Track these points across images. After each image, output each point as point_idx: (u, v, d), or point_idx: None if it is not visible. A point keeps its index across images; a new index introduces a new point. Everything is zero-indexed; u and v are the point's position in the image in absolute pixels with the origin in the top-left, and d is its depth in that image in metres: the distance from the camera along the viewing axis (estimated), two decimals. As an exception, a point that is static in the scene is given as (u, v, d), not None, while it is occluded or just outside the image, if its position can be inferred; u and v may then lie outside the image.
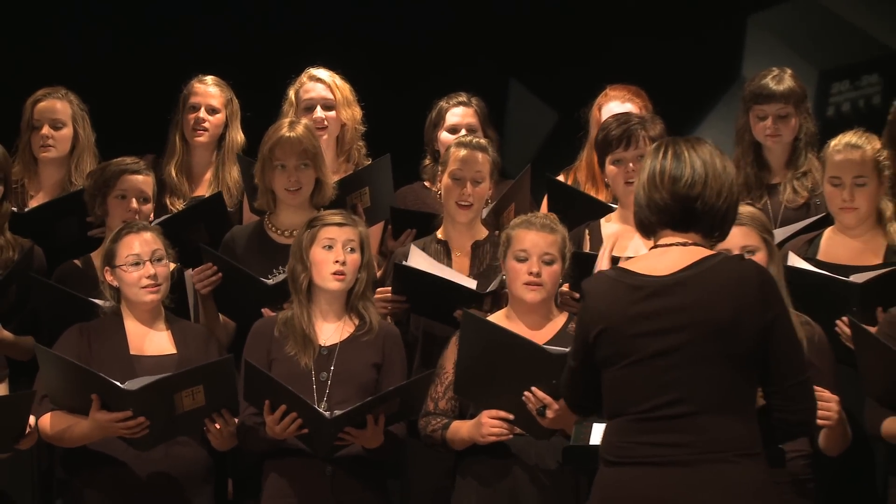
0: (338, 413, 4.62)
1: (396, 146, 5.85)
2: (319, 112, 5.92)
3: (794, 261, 5.04)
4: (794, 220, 5.60)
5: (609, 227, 5.34)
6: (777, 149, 5.77)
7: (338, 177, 5.67)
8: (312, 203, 5.44)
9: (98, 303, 5.04)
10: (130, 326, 4.97)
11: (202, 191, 6.04)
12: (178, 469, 4.87)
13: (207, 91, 6.08)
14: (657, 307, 3.68)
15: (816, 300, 4.84)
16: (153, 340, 4.97)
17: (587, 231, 5.36)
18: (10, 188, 5.52)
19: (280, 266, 5.19)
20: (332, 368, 4.85)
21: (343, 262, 4.88)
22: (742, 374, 3.67)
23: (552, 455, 4.71)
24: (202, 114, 6.06)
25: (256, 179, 5.47)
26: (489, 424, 4.68)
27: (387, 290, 5.26)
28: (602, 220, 5.39)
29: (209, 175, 6.10)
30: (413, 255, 5.27)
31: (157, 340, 4.98)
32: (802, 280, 4.86)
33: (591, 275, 3.93)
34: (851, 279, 4.97)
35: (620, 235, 5.16)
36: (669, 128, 5.37)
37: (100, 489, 4.85)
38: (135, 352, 4.92)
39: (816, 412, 3.86)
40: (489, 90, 6.29)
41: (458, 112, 6.05)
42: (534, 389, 4.57)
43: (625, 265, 3.81)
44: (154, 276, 4.93)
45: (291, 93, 5.99)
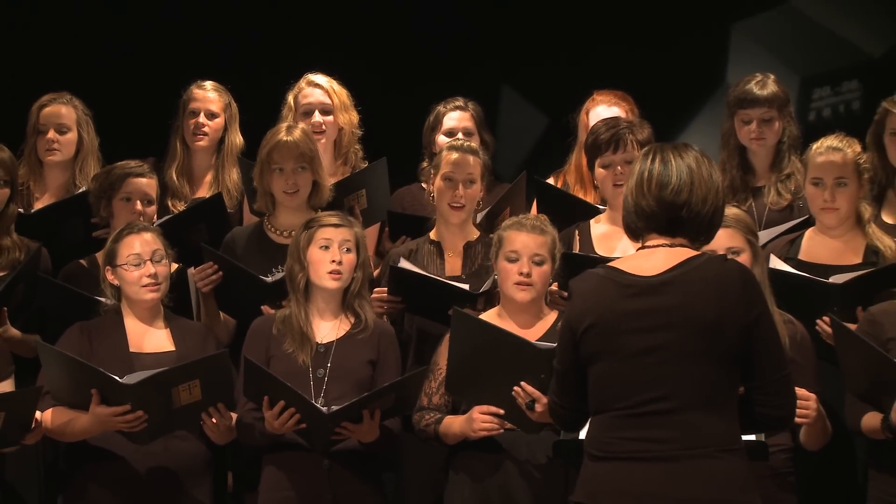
0: (335, 409, 4.66)
1: (396, 148, 5.87)
2: (317, 116, 5.96)
3: (776, 263, 5.07)
4: (779, 222, 5.62)
5: (598, 229, 5.37)
6: (761, 152, 5.81)
7: (335, 179, 5.69)
8: (310, 205, 5.46)
9: (102, 300, 5.07)
10: (130, 324, 5.00)
11: (202, 193, 6.08)
12: (178, 463, 4.88)
13: (206, 96, 6.12)
14: (644, 306, 3.72)
15: (798, 300, 4.89)
16: (152, 338, 5.00)
17: (577, 232, 5.38)
18: (17, 190, 5.54)
19: (279, 265, 5.19)
20: (329, 365, 4.87)
21: (339, 262, 4.91)
22: (725, 372, 3.69)
23: (542, 449, 4.75)
24: (202, 118, 6.10)
25: (255, 182, 5.50)
26: (480, 419, 4.71)
27: (383, 291, 5.30)
28: (591, 222, 5.41)
29: (209, 178, 6.13)
30: (404, 265, 5.28)
31: (156, 338, 5.01)
32: (785, 282, 4.88)
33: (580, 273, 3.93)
34: (831, 280, 5.00)
35: (610, 236, 5.28)
36: (656, 132, 5.41)
37: (100, 483, 4.87)
38: (134, 349, 4.95)
39: (796, 408, 3.88)
40: (482, 95, 6.31)
41: (455, 116, 6.09)
42: (523, 384, 4.60)
43: (613, 264, 3.85)
44: (154, 276, 4.96)
45: (290, 98, 6.01)
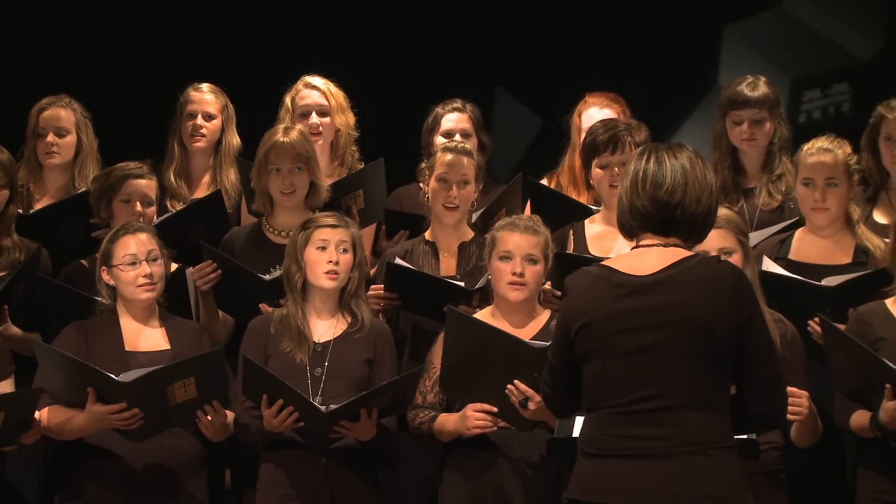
0: (332, 407, 4.69)
1: (394, 149, 5.90)
2: (314, 118, 5.98)
3: (769, 265, 5.11)
4: (770, 223, 5.65)
5: (592, 229, 5.40)
6: (753, 153, 5.85)
7: (332, 180, 5.71)
8: (307, 205, 5.47)
9: (98, 299, 5.08)
10: (126, 324, 5.02)
11: (200, 194, 6.08)
12: (173, 460, 4.91)
13: (203, 98, 6.13)
14: (637, 305, 3.74)
15: (790, 300, 4.94)
16: (147, 337, 5.03)
17: (571, 231, 5.40)
18: (17, 192, 5.54)
19: (277, 264, 5.21)
20: (327, 364, 4.91)
21: (336, 262, 4.94)
22: (717, 371, 3.72)
23: (535, 447, 4.78)
24: (199, 120, 6.12)
25: (253, 182, 5.52)
26: (474, 417, 4.76)
27: (380, 288, 5.32)
28: (586, 222, 5.44)
29: (207, 178, 6.14)
30: (400, 262, 5.30)
31: (152, 337, 5.03)
32: (777, 283, 4.93)
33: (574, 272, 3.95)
34: (824, 283, 5.04)
35: (604, 236, 5.30)
36: (650, 133, 5.43)
37: (96, 481, 4.89)
38: (130, 348, 4.97)
39: (787, 407, 3.91)
40: (478, 97, 6.32)
41: (453, 118, 6.11)
42: (516, 382, 4.64)
43: (607, 263, 3.88)
44: (150, 275, 4.98)
45: (287, 99, 6.04)
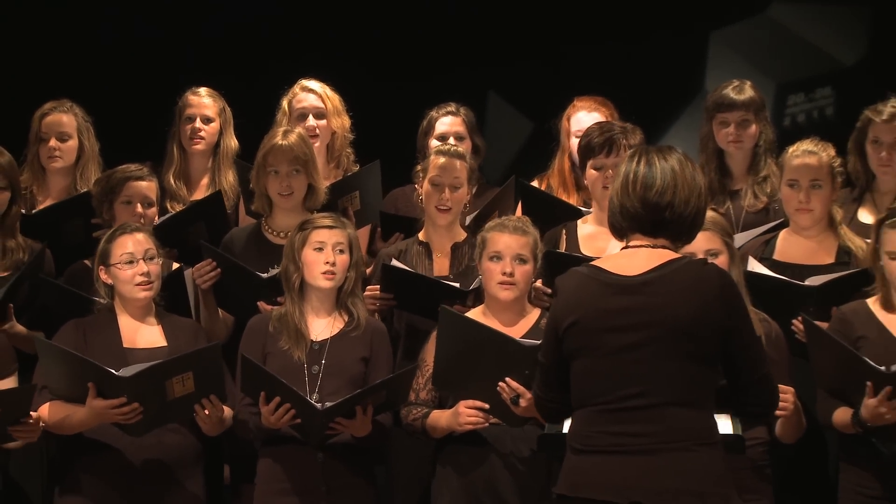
0: (329, 404, 4.75)
1: (390, 151, 5.95)
2: (311, 120, 6.05)
3: (754, 266, 5.18)
4: (755, 224, 5.72)
5: (584, 229, 5.47)
6: (739, 155, 5.92)
7: (327, 182, 5.76)
8: (305, 206, 5.52)
9: (97, 299, 5.13)
10: (123, 321, 5.07)
11: (199, 195, 6.13)
12: (170, 455, 4.95)
13: (202, 102, 6.19)
14: (625, 304, 3.81)
15: (774, 299, 5.01)
16: (145, 334, 5.07)
17: (564, 231, 5.48)
18: (19, 193, 5.58)
19: (275, 263, 5.23)
20: (324, 362, 4.96)
21: (333, 263, 5.00)
22: (702, 369, 3.79)
23: (526, 443, 4.83)
24: (198, 124, 6.17)
25: (252, 184, 5.58)
26: (466, 413, 4.81)
27: (375, 288, 5.36)
28: (578, 222, 5.51)
29: (206, 180, 6.20)
30: (395, 263, 5.35)
31: (149, 334, 5.08)
32: (761, 283, 5.00)
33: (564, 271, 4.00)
34: (808, 283, 5.11)
35: (596, 237, 5.37)
36: (644, 136, 5.49)
37: (94, 475, 4.93)
38: (128, 345, 5.02)
39: (777, 404, 4.00)
40: (470, 101, 6.38)
41: (447, 121, 6.17)
42: (507, 380, 4.69)
43: (596, 263, 3.95)
44: (147, 274, 5.03)
45: (285, 102, 6.11)
